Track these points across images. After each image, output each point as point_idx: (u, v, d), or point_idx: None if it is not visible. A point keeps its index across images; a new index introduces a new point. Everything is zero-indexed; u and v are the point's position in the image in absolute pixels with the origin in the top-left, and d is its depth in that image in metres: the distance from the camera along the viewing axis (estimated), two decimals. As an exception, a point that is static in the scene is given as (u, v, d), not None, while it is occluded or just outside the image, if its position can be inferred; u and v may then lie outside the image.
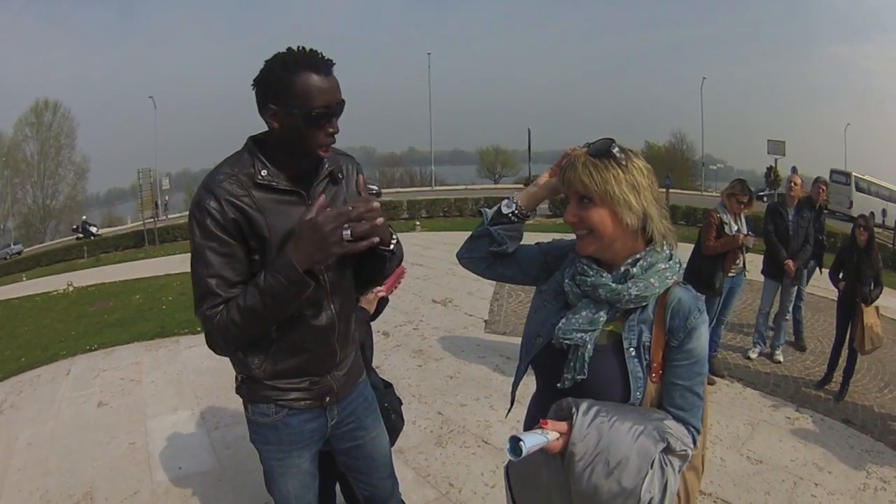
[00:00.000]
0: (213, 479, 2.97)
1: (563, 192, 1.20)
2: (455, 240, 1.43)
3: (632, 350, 1.12)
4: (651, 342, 1.12)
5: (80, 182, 44.02)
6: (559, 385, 1.15)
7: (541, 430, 1.04)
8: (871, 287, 3.85)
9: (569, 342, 1.13)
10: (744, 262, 4.12)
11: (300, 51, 1.26)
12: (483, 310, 5.96)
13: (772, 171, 22.68)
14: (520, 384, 1.38)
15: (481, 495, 2.74)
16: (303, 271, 1.20)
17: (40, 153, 41.31)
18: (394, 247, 1.41)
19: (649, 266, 1.13)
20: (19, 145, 40.80)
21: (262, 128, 1.33)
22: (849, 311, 3.93)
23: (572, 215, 1.14)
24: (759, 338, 4.63)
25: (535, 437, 1.02)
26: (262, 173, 1.30)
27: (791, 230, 4.36)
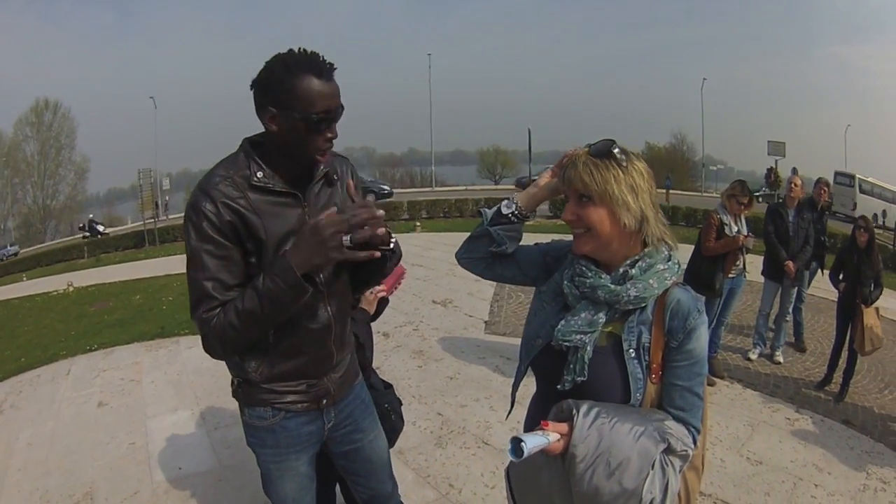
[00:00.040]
0: (212, 480, 2.98)
1: (563, 192, 1.20)
2: (455, 240, 1.42)
3: (631, 351, 1.12)
4: (650, 343, 1.12)
5: (80, 182, 44.08)
6: (559, 387, 1.15)
7: (542, 431, 1.04)
8: (872, 288, 3.85)
9: (568, 344, 1.13)
10: (744, 264, 4.12)
11: (302, 53, 1.24)
12: (483, 311, 5.96)
13: (772, 172, 22.69)
14: (520, 385, 1.38)
15: (481, 496, 2.74)
16: (301, 275, 1.20)
17: (40, 153, 41.31)
18: (392, 246, 1.40)
19: (648, 267, 1.13)
20: (19, 145, 40.83)
21: (262, 128, 1.31)
22: (849, 312, 3.93)
23: (571, 213, 1.14)
24: (759, 339, 4.64)
25: (536, 438, 1.02)
26: (258, 175, 1.29)
27: (791, 231, 4.36)
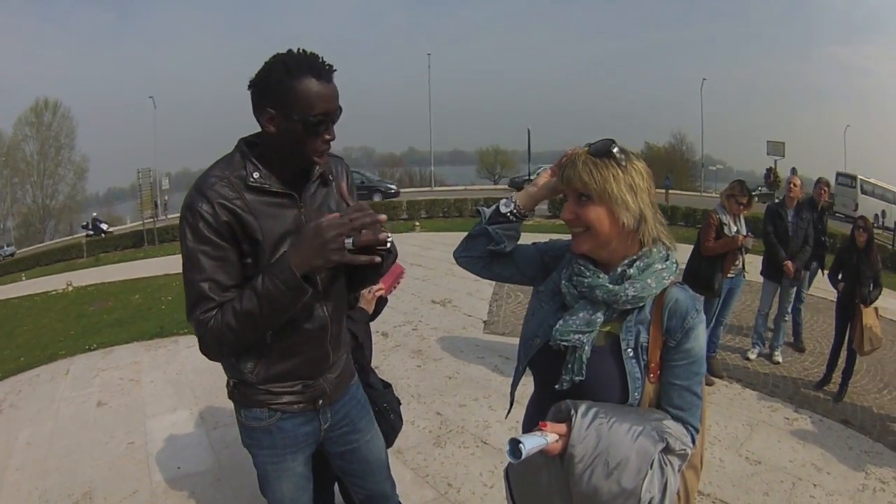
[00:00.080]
0: (211, 479, 2.97)
1: (562, 191, 1.20)
2: (454, 240, 1.42)
3: (629, 351, 1.12)
4: (649, 343, 1.12)
5: (79, 182, 43.94)
6: (557, 386, 1.15)
7: (540, 432, 1.04)
8: (871, 288, 3.86)
9: (566, 343, 1.13)
10: (743, 263, 4.12)
11: (301, 54, 1.24)
12: (482, 310, 5.96)
13: (771, 172, 22.66)
14: (519, 385, 1.38)
15: (480, 495, 2.74)
16: (301, 276, 1.19)
17: (40, 153, 41.23)
18: (389, 246, 1.39)
19: (646, 267, 1.13)
20: (19, 145, 40.74)
21: (259, 128, 1.31)
22: (848, 312, 3.93)
23: (569, 212, 1.14)
24: (758, 339, 4.64)
25: (535, 439, 1.02)
26: (255, 176, 1.28)
27: (790, 231, 4.37)
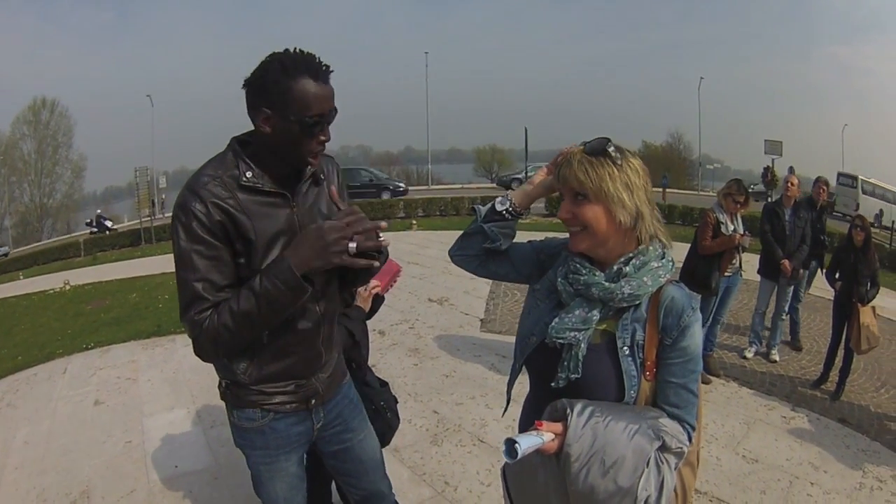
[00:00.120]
0: (209, 478, 2.97)
1: (558, 190, 1.20)
2: (451, 239, 1.42)
3: (626, 349, 1.12)
4: (645, 341, 1.12)
5: (77, 180, 43.68)
6: (553, 384, 1.15)
7: (536, 431, 1.04)
8: (868, 287, 3.86)
9: (562, 341, 1.13)
10: (740, 262, 4.13)
11: (298, 54, 1.23)
12: (479, 309, 5.97)
13: (769, 171, 22.68)
14: (515, 383, 1.38)
15: (477, 494, 2.74)
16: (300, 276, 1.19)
17: (38, 151, 41.03)
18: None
19: (642, 265, 1.13)
20: (17, 143, 40.50)
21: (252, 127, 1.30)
22: (845, 310, 3.94)
23: (566, 212, 1.14)
24: (755, 337, 4.65)
25: (531, 438, 1.02)
26: (247, 175, 1.28)
27: (788, 230, 4.37)
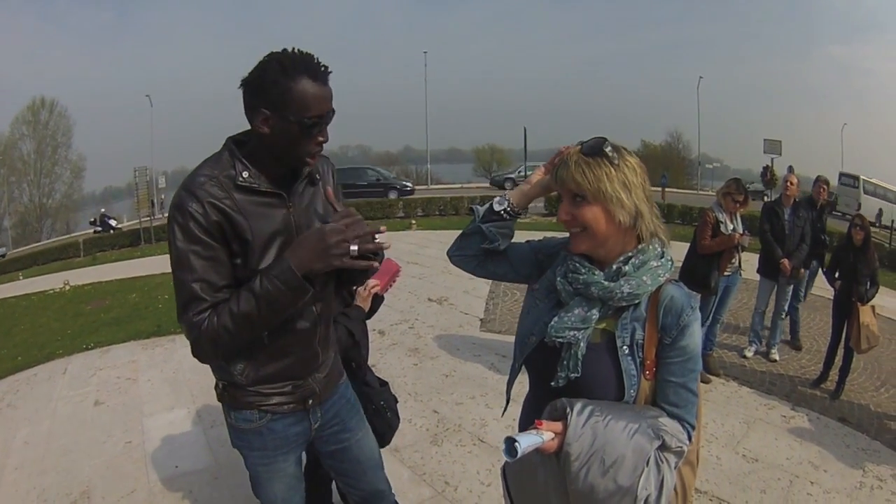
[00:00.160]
0: (209, 478, 2.97)
1: (556, 191, 1.20)
2: (451, 238, 1.42)
3: (625, 348, 1.12)
4: (644, 340, 1.12)
5: (76, 181, 43.59)
6: (553, 384, 1.15)
7: (535, 430, 1.04)
8: (867, 286, 3.87)
9: (561, 340, 1.13)
10: (739, 261, 4.13)
11: (297, 54, 1.22)
12: (479, 308, 5.97)
13: (768, 170, 22.68)
14: (515, 382, 1.38)
15: (477, 493, 2.74)
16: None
17: (37, 151, 40.97)
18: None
19: (641, 264, 1.13)
20: (16, 144, 40.45)
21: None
22: (845, 310, 3.94)
23: (565, 213, 1.14)
24: (754, 336, 4.65)
25: (530, 437, 1.02)
26: (244, 175, 1.27)
27: (787, 229, 4.37)
